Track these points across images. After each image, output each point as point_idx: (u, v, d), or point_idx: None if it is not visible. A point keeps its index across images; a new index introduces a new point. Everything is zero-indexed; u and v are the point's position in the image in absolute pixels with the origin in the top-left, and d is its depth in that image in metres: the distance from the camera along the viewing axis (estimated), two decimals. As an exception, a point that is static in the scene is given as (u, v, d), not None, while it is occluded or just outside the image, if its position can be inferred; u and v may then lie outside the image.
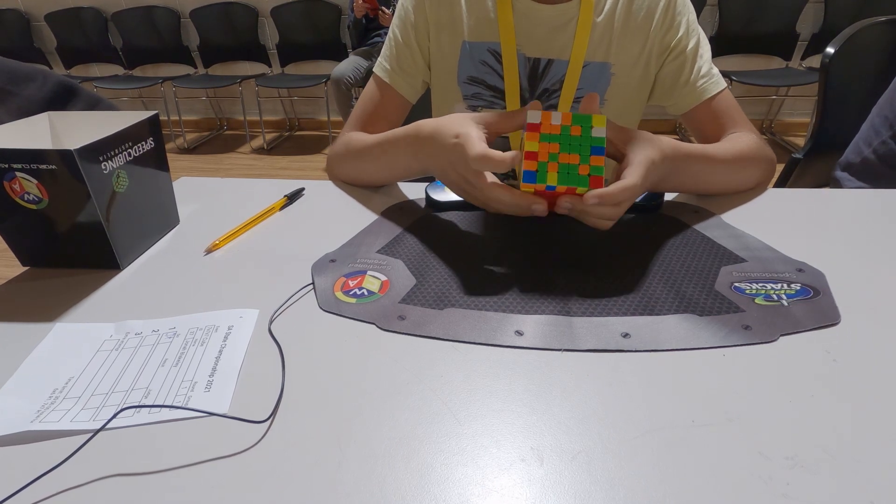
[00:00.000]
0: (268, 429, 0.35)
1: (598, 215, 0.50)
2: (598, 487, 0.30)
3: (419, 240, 0.57)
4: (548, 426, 0.34)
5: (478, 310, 0.45)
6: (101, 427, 0.34)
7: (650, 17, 0.74)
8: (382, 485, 0.31)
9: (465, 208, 0.64)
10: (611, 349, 0.40)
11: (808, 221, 0.60)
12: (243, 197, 0.70)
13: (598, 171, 0.47)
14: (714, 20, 2.95)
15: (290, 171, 3.01)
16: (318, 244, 0.57)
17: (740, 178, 0.66)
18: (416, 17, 0.78)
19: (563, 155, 0.47)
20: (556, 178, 0.47)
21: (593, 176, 0.47)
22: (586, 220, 0.51)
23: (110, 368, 0.41)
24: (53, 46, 3.59)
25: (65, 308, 0.48)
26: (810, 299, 0.45)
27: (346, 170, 0.73)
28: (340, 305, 0.47)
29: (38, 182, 0.49)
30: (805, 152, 1.14)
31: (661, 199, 0.62)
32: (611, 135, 0.52)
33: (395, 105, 0.80)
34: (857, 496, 0.29)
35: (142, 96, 3.76)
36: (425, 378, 0.39)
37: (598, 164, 0.47)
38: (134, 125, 0.54)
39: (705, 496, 0.29)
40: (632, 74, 0.77)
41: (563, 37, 0.74)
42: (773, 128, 3.22)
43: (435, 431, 0.34)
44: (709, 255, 0.52)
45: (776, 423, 0.34)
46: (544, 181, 0.47)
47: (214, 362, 0.41)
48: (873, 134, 0.88)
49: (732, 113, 0.73)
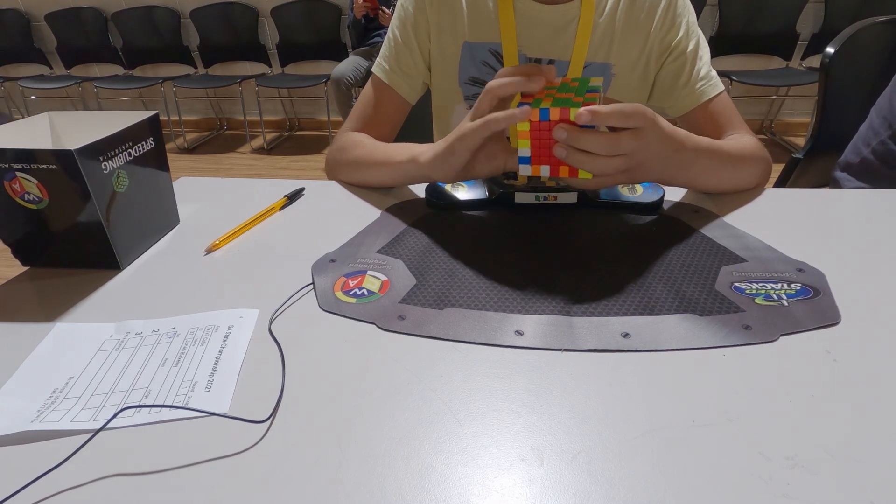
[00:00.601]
0: (268, 429, 0.35)
1: (594, 147, 0.47)
2: (598, 487, 0.30)
3: (419, 240, 0.57)
4: (548, 426, 0.34)
5: (478, 310, 0.45)
6: (102, 427, 0.34)
7: (651, 18, 0.74)
8: (382, 485, 0.31)
9: (465, 208, 0.64)
10: (611, 349, 0.40)
11: (808, 221, 0.60)
12: (243, 197, 0.70)
13: (592, 101, 0.47)
14: (714, 20, 2.94)
15: (290, 171, 3.01)
16: (318, 244, 0.57)
17: (742, 177, 0.66)
18: (416, 17, 0.78)
19: (560, 94, 0.49)
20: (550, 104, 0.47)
21: (587, 104, 0.47)
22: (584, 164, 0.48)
23: (110, 368, 0.41)
24: (53, 46, 3.59)
25: (65, 308, 0.48)
26: (810, 299, 0.45)
27: (346, 174, 0.73)
28: (340, 305, 0.47)
29: (38, 182, 0.49)
30: (805, 152, 1.14)
31: (661, 199, 0.62)
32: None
33: (395, 106, 0.80)
34: (857, 496, 0.29)
35: (142, 96, 3.76)
36: (425, 378, 0.39)
37: (592, 98, 0.48)
38: (134, 125, 0.54)
39: (705, 496, 0.29)
40: (632, 75, 0.77)
41: (564, 37, 0.74)
42: (773, 128, 3.22)
43: (435, 431, 0.34)
44: (709, 255, 0.52)
45: (776, 423, 0.34)
46: (538, 106, 0.47)
47: (214, 362, 0.41)
48: (872, 134, 0.88)
49: (730, 115, 0.73)
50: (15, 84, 3.46)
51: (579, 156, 0.48)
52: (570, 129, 0.47)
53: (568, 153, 0.48)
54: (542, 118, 0.47)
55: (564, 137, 0.47)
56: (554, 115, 0.47)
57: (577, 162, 0.48)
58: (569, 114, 0.46)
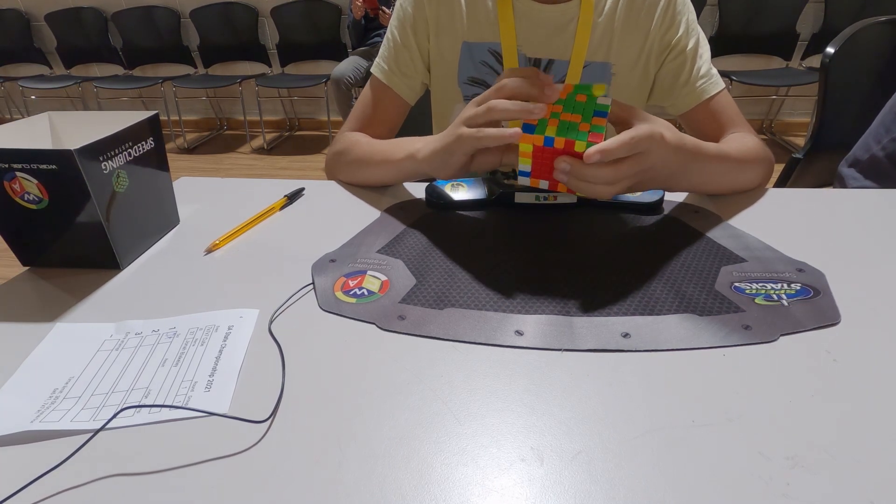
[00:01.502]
0: (268, 429, 0.35)
1: (597, 179, 0.47)
2: (598, 487, 0.30)
3: (419, 240, 0.57)
4: (548, 426, 0.34)
5: (478, 310, 0.45)
6: (102, 427, 0.34)
7: (650, 17, 0.74)
8: (382, 485, 0.31)
9: (465, 208, 0.64)
10: (611, 349, 0.40)
11: (809, 221, 0.60)
12: (243, 197, 0.70)
13: (598, 129, 0.46)
14: (714, 20, 2.94)
15: (291, 171, 3.01)
16: (318, 244, 0.57)
17: (746, 179, 0.66)
18: (415, 17, 0.78)
19: (566, 114, 0.48)
20: (555, 131, 0.47)
21: (593, 133, 0.46)
22: (584, 189, 0.48)
23: (110, 368, 0.41)
24: (53, 46, 3.59)
25: (65, 308, 0.48)
26: (810, 299, 0.45)
27: (346, 174, 0.73)
28: (340, 305, 0.47)
29: (38, 182, 0.48)
30: (805, 152, 1.14)
31: (661, 199, 0.62)
32: (617, 109, 0.51)
33: (394, 106, 0.80)
34: (857, 496, 0.29)
35: (142, 96, 3.76)
36: (425, 378, 0.39)
37: (599, 125, 0.47)
38: (134, 125, 0.54)
39: (705, 496, 0.29)
40: (632, 74, 0.77)
41: (563, 37, 0.74)
42: (773, 128, 3.22)
43: (435, 431, 0.34)
44: (709, 255, 0.52)
45: (776, 423, 0.34)
46: (543, 132, 0.47)
47: (214, 362, 0.41)
48: (883, 131, 0.88)
49: (731, 113, 0.73)
50: (15, 84, 3.46)
51: (580, 183, 0.48)
52: (574, 163, 0.47)
53: (569, 179, 0.48)
54: (547, 144, 0.47)
55: (567, 170, 0.47)
56: (559, 144, 0.47)
57: (579, 188, 0.48)
58: (573, 146, 0.46)
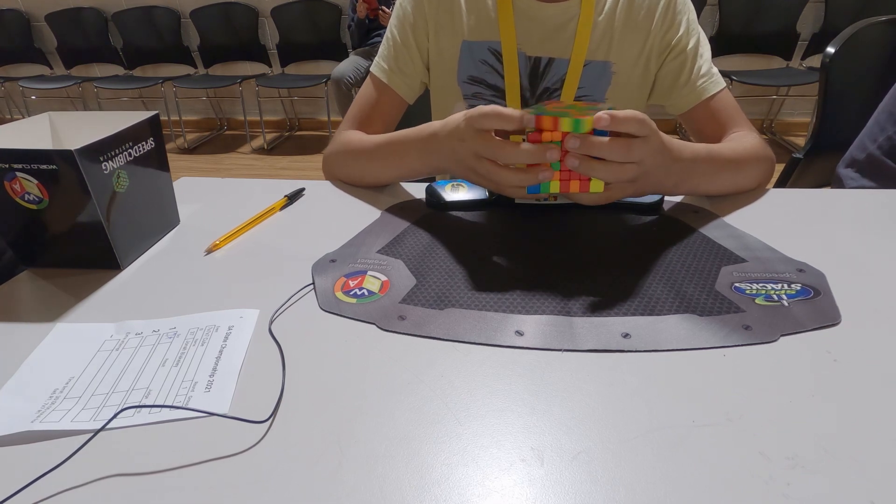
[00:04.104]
0: (268, 429, 0.35)
1: (606, 153, 0.47)
2: (598, 487, 0.30)
3: (419, 240, 0.57)
4: (548, 426, 0.34)
5: (478, 310, 0.45)
6: (102, 427, 0.34)
7: (651, 16, 0.74)
8: (382, 485, 0.31)
9: (465, 208, 0.64)
10: (611, 349, 0.40)
11: (809, 221, 0.60)
12: (243, 197, 0.70)
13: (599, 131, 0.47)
14: (714, 20, 2.94)
15: (291, 171, 3.01)
16: (318, 244, 0.57)
17: (745, 179, 0.66)
18: (415, 17, 0.78)
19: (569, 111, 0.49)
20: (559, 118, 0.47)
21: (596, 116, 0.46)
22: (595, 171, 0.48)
23: (111, 368, 0.41)
24: (53, 46, 3.59)
25: (65, 308, 0.48)
26: (811, 299, 0.45)
27: (346, 169, 0.73)
28: (341, 305, 0.47)
29: (38, 182, 0.48)
30: (805, 152, 1.14)
31: (661, 200, 0.62)
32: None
33: (393, 105, 0.80)
34: (857, 496, 0.29)
35: (142, 96, 3.76)
36: (425, 378, 0.39)
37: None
38: (134, 125, 0.54)
39: (705, 496, 0.29)
40: (632, 73, 0.77)
41: (563, 36, 0.74)
42: (774, 128, 3.22)
43: (435, 431, 0.34)
44: (709, 256, 0.52)
45: (776, 423, 0.34)
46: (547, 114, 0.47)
47: (215, 362, 0.41)
48: (878, 130, 0.88)
49: (732, 112, 0.73)
50: (15, 84, 3.46)
51: (592, 163, 0.48)
52: (583, 137, 0.47)
53: (581, 162, 0.48)
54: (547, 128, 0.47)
55: (577, 146, 0.47)
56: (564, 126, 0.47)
57: (591, 169, 0.48)
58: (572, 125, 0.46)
